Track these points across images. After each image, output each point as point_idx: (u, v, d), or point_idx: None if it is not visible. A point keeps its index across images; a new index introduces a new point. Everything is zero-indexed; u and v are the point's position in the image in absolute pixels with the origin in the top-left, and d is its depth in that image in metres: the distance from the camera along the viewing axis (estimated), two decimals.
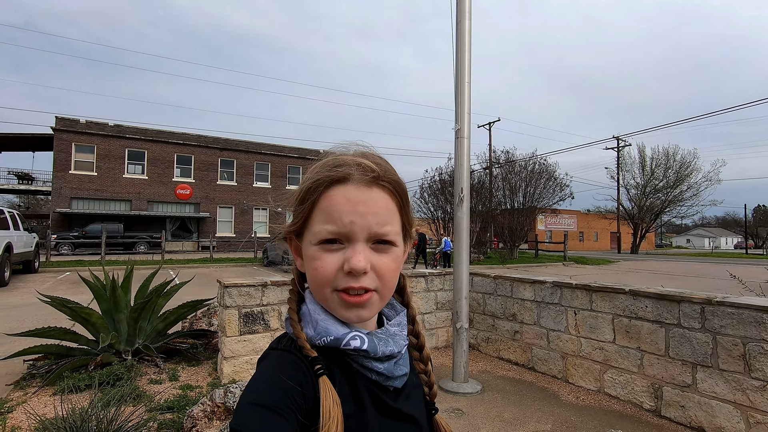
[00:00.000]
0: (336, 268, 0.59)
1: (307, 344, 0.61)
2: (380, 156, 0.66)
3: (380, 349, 0.63)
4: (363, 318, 0.62)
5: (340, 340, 0.61)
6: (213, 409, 2.78)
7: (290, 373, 0.58)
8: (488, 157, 27.33)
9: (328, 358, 0.62)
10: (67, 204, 22.93)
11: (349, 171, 0.61)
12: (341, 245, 0.60)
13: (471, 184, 4.26)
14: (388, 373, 0.64)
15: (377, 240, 0.60)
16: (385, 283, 0.62)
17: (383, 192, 0.62)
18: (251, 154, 28.45)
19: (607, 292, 3.91)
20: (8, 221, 10.86)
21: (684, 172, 36.27)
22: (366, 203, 0.60)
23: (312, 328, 0.63)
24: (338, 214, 0.59)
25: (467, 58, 4.15)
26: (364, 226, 0.59)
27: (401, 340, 0.68)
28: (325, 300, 0.62)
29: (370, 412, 0.61)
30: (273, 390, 0.55)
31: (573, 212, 43.53)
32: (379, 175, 0.61)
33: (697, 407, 3.21)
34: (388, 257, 0.61)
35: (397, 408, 0.65)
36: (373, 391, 0.63)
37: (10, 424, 2.94)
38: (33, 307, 7.57)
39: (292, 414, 0.54)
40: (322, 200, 0.61)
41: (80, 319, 4.16)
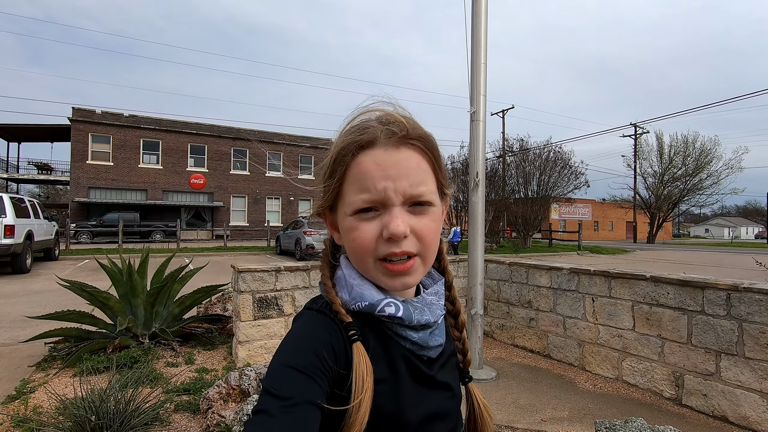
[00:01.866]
0: (375, 236, 0.57)
1: (342, 309, 0.60)
2: (406, 112, 0.62)
3: (415, 318, 0.61)
4: (408, 285, 0.60)
5: (375, 306, 0.60)
6: (228, 392, 2.80)
7: (324, 336, 0.57)
8: (501, 145, 26.96)
9: (362, 323, 0.60)
10: (85, 193, 23.37)
11: (374, 134, 0.58)
12: (377, 212, 0.58)
13: (485, 170, 4.18)
14: (423, 343, 0.62)
15: (414, 202, 0.58)
16: (427, 246, 0.59)
17: (413, 151, 0.59)
18: (264, 143, 28.55)
19: (627, 278, 3.81)
20: (29, 210, 11.10)
21: (704, 160, 35.25)
22: (397, 165, 0.57)
23: (347, 293, 0.61)
24: (370, 181, 0.57)
25: (483, 37, 4.03)
26: (398, 189, 0.57)
27: (438, 309, 0.66)
28: (367, 271, 0.61)
29: (403, 378, 0.60)
30: (306, 352, 0.54)
31: (588, 201, 42.82)
32: (407, 134, 0.58)
33: (721, 396, 3.12)
34: (427, 218, 0.59)
35: (431, 375, 0.63)
36: (408, 357, 0.62)
37: (32, 404, 3.01)
38: (54, 293, 7.76)
39: (323, 377, 0.53)
40: (351, 169, 0.59)
41: (98, 304, 4.23)
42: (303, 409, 0.49)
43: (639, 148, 36.21)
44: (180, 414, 2.91)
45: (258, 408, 0.49)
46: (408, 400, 0.59)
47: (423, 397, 0.61)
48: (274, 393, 0.49)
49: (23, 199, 11.29)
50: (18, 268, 10.30)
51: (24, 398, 3.10)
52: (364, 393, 0.53)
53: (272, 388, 0.50)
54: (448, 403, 0.65)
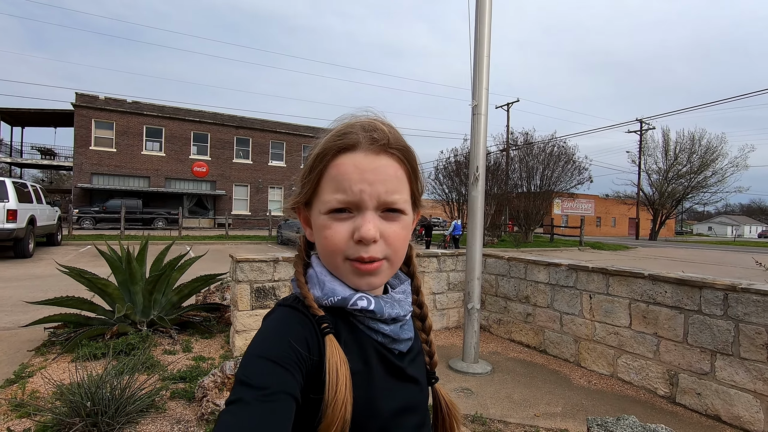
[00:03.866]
0: (346, 237, 0.59)
1: (314, 303, 0.61)
2: (389, 123, 0.64)
3: (386, 311, 0.63)
4: (374, 285, 0.62)
5: (348, 300, 0.61)
6: (223, 380, 2.82)
7: (296, 329, 0.58)
8: (505, 139, 26.79)
9: (334, 318, 0.62)
10: (88, 179, 23.43)
11: (357, 138, 0.60)
12: (351, 214, 0.60)
13: (487, 166, 4.15)
14: (394, 335, 0.64)
15: (386, 208, 0.60)
16: (395, 251, 0.62)
17: (392, 159, 0.61)
18: (267, 132, 28.47)
19: (625, 276, 3.80)
20: (32, 195, 11.14)
21: (709, 158, 34.96)
22: (375, 171, 0.59)
23: (319, 289, 0.63)
24: (347, 183, 0.59)
25: (487, 28, 3.97)
26: (373, 194, 0.59)
27: (406, 305, 0.69)
28: (336, 268, 0.62)
29: (375, 370, 0.62)
30: (279, 344, 0.55)
31: (591, 197, 42.65)
32: (387, 143, 0.60)
33: (715, 395, 3.13)
34: (398, 225, 0.61)
35: (402, 368, 0.65)
36: (379, 350, 0.63)
37: (29, 388, 3.04)
38: (55, 278, 7.81)
39: (297, 368, 0.54)
40: (330, 169, 0.60)
41: (97, 290, 4.25)
42: (279, 398, 0.49)
43: (644, 144, 35.93)
44: (176, 401, 2.93)
45: (233, 398, 0.49)
46: (380, 392, 0.61)
47: (395, 390, 0.63)
48: (249, 383, 0.50)
49: (26, 184, 11.32)
50: (20, 253, 10.38)
51: (22, 383, 3.13)
52: (339, 384, 0.54)
53: (246, 378, 0.50)
54: (418, 397, 0.67)
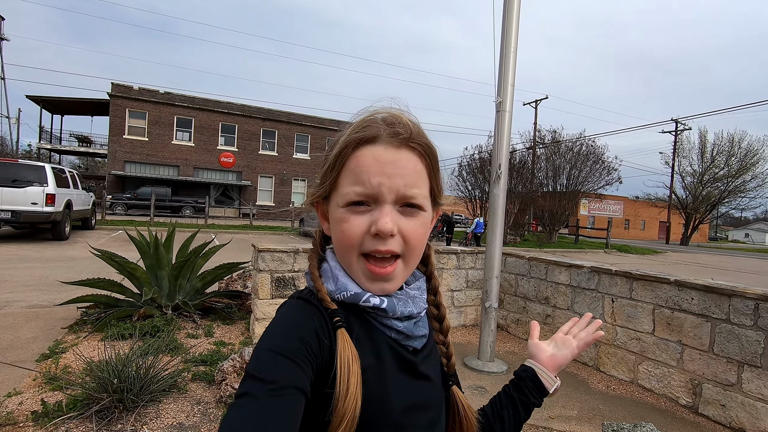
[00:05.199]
0: (363, 230, 0.59)
1: (328, 297, 0.61)
2: (412, 117, 0.63)
3: (399, 309, 0.62)
4: (386, 291, 0.62)
5: (360, 296, 0.61)
6: (242, 365, 2.91)
7: (308, 323, 0.57)
8: (532, 136, 26.26)
9: (347, 312, 0.61)
10: (121, 167, 24.32)
11: (377, 131, 0.59)
12: (369, 207, 0.59)
13: (512, 163, 4.08)
14: (408, 332, 0.64)
15: (405, 203, 0.59)
16: (411, 249, 0.60)
17: (413, 154, 0.60)
18: (292, 125, 28.81)
19: (650, 281, 3.70)
20: (69, 180, 11.65)
21: (749, 161, 33.34)
22: (394, 164, 0.58)
23: (332, 283, 0.63)
24: (365, 175, 0.58)
25: (514, 23, 3.90)
26: (392, 187, 0.58)
27: (421, 302, 0.67)
28: (350, 266, 0.62)
29: (388, 366, 0.61)
30: (290, 338, 0.55)
31: (620, 198, 41.34)
32: (409, 137, 0.59)
33: (740, 408, 3.02)
34: (416, 221, 0.60)
35: (415, 364, 0.64)
36: (393, 347, 0.63)
37: (62, 363, 3.21)
38: (88, 260, 8.17)
39: (308, 363, 0.53)
40: (350, 161, 0.60)
41: (126, 273, 4.44)
42: (288, 392, 0.49)
43: (679, 145, 34.56)
44: (196, 383, 3.05)
45: (242, 391, 0.49)
46: (393, 388, 0.60)
47: (407, 386, 0.62)
48: (259, 377, 0.49)
49: (64, 169, 11.85)
50: (57, 235, 10.89)
51: (55, 358, 3.31)
52: (350, 378, 0.53)
53: (256, 371, 0.50)
54: (431, 395, 0.66)
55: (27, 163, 10.58)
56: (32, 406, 2.60)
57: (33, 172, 10.12)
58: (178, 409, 2.68)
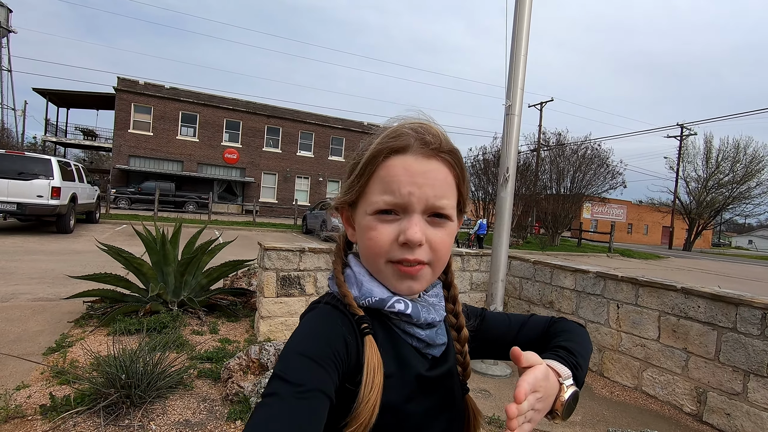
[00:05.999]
0: (391, 239, 0.59)
1: (354, 303, 0.62)
2: (440, 127, 0.64)
3: (423, 316, 0.63)
4: (414, 290, 0.63)
5: (385, 302, 0.61)
6: (248, 364, 2.92)
7: (336, 328, 0.58)
8: (537, 139, 26.19)
9: (371, 319, 0.62)
10: (125, 161, 24.39)
11: (408, 141, 0.60)
12: (397, 216, 0.60)
13: (516, 165, 4.09)
14: (429, 341, 0.65)
15: (433, 213, 0.60)
16: (438, 258, 0.62)
17: (442, 164, 0.61)
18: (297, 122, 28.83)
19: (656, 287, 3.69)
20: (74, 174, 11.69)
21: (755, 167, 33.14)
22: (425, 175, 0.59)
23: (357, 289, 0.64)
24: (396, 185, 0.59)
25: (525, 27, 3.89)
26: (422, 197, 0.59)
27: (440, 309, 0.68)
28: (378, 271, 0.63)
29: (409, 374, 0.62)
30: (318, 342, 0.56)
31: (623, 202, 41.17)
32: (439, 147, 0.61)
33: (745, 417, 3.01)
34: (444, 232, 0.61)
35: (436, 374, 0.65)
36: (414, 355, 0.64)
37: (70, 357, 3.23)
38: (93, 254, 8.21)
39: (334, 368, 0.54)
40: (380, 170, 0.61)
41: (132, 269, 4.45)
42: (313, 396, 0.50)
43: (684, 150, 34.40)
44: (202, 380, 3.06)
45: (269, 391, 0.50)
46: (412, 396, 0.61)
47: (426, 395, 0.63)
48: (286, 378, 0.50)
49: (69, 162, 11.89)
50: (62, 228, 10.93)
51: (63, 351, 3.33)
52: (373, 386, 0.55)
53: (284, 373, 0.51)
54: (449, 404, 0.67)
55: (33, 155, 10.61)
56: (40, 399, 2.62)
57: (39, 164, 10.16)
58: (185, 406, 2.69)
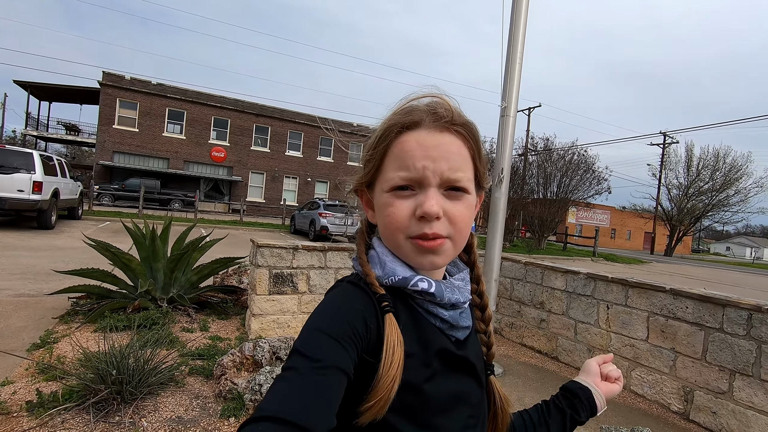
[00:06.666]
0: (409, 214, 0.59)
1: (376, 281, 0.61)
2: (453, 101, 0.64)
3: (446, 296, 0.63)
4: (436, 265, 0.62)
5: (408, 280, 0.61)
6: (242, 361, 2.88)
7: (357, 306, 0.58)
8: (525, 143, 26.53)
9: (394, 298, 0.61)
10: (109, 157, 23.89)
11: (420, 116, 0.60)
12: (413, 191, 0.59)
13: (510, 168, 4.14)
14: (453, 322, 0.64)
15: (449, 186, 0.59)
16: (458, 230, 0.61)
17: (456, 137, 0.61)
18: (286, 122, 28.64)
19: (645, 288, 3.77)
20: (56, 168, 11.40)
21: (733, 176, 34.10)
22: (438, 148, 0.59)
23: (380, 269, 0.63)
24: (410, 160, 0.59)
25: (521, 32, 3.95)
26: (437, 171, 0.58)
27: (466, 292, 0.68)
28: (398, 247, 0.62)
29: (431, 355, 0.61)
30: (338, 319, 0.55)
31: (607, 208, 41.97)
32: (451, 120, 0.60)
33: (731, 415, 3.09)
34: (461, 205, 0.60)
35: (458, 355, 0.64)
36: (437, 336, 0.63)
37: (56, 353, 3.14)
38: (76, 250, 8.02)
39: (353, 345, 0.54)
40: (394, 147, 0.61)
41: (121, 264, 4.36)
42: (331, 372, 0.50)
43: (666, 158, 35.24)
44: (194, 377, 3.01)
45: (288, 365, 0.50)
46: (434, 377, 0.60)
47: (449, 376, 0.62)
48: (305, 353, 0.51)
49: (52, 157, 11.59)
50: (43, 224, 10.64)
51: (48, 347, 3.24)
52: (392, 362, 0.54)
53: (303, 348, 0.51)
54: (472, 388, 0.65)
55: (14, 149, 10.31)
56: (26, 395, 2.54)
57: (20, 158, 9.88)
58: (177, 403, 2.64)
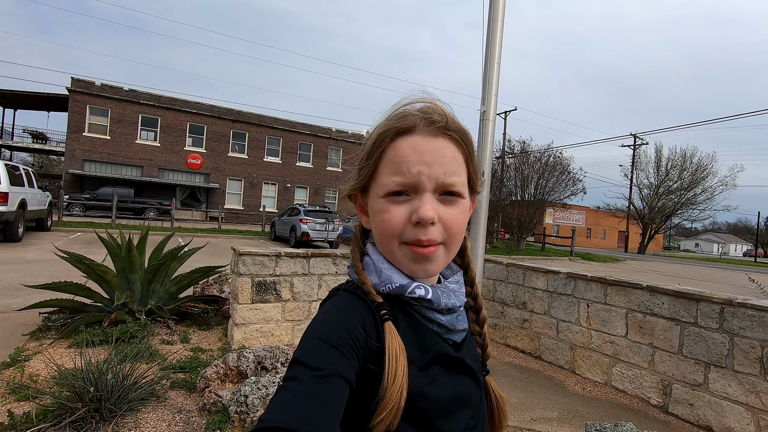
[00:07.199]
0: (404, 220, 0.59)
1: (373, 290, 0.61)
2: (446, 106, 0.65)
3: (443, 301, 0.63)
4: (429, 272, 0.62)
5: (406, 288, 0.61)
6: (226, 372, 2.82)
7: (355, 315, 0.58)
8: (502, 147, 27.00)
9: (392, 306, 0.61)
10: (79, 166, 23.10)
11: (414, 121, 0.60)
12: (408, 197, 0.59)
13: (490, 170, 4.21)
14: (450, 326, 0.64)
15: (444, 191, 0.60)
16: (452, 236, 0.61)
17: (450, 142, 0.61)
18: (264, 127, 28.33)
19: (623, 286, 3.87)
20: (23, 178, 10.96)
21: (700, 175, 35.57)
22: (433, 153, 0.59)
23: (376, 276, 0.63)
24: (405, 165, 0.59)
25: (498, 38, 4.03)
26: (432, 176, 0.59)
27: (461, 295, 0.68)
28: (392, 253, 0.62)
29: (431, 360, 0.61)
30: (337, 328, 0.55)
31: (583, 208, 43.14)
32: (445, 125, 0.61)
33: (707, 406, 3.20)
34: (456, 209, 0.61)
35: (457, 359, 0.64)
36: (435, 340, 0.63)
37: (28, 372, 3.00)
38: (46, 263, 7.70)
39: (353, 354, 0.54)
40: (388, 152, 0.61)
41: (95, 277, 4.21)
42: (333, 380, 0.50)
43: (637, 158, 36.46)
44: (176, 391, 2.92)
45: (289, 375, 0.50)
46: (436, 381, 0.60)
47: (450, 380, 0.62)
48: (305, 363, 0.50)
49: (18, 166, 11.13)
50: (10, 237, 10.20)
51: (19, 366, 3.09)
52: (397, 371, 0.54)
53: (303, 358, 0.51)
54: (472, 390, 0.66)
55: None
56: None
57: None
58: (159, 418, 2.56)
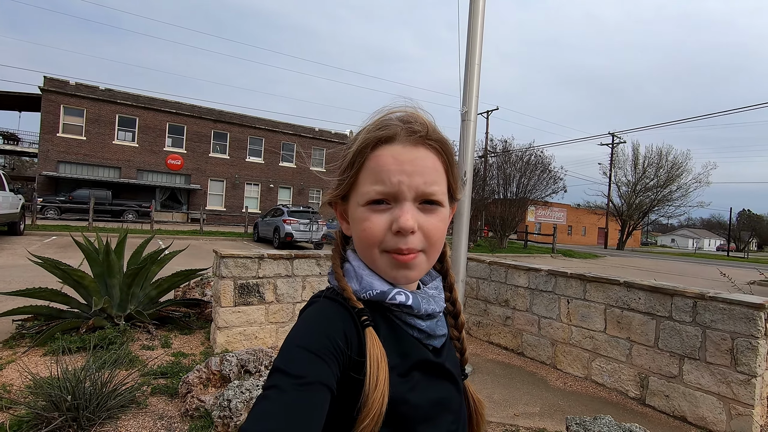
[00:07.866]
0: (384, 228, 0.59)
1: (353, 296, 0.62)
2: (427, 115, 0.65)
3: (423, 307, 0.64)
4: (410, 279, 0.63)
5: (386, 294, 0.61)
6: (209, 376, 2.78)
7: (336, 321, 0.58)
8: (485, 146, 27.28)
9: (372, 312, 0.62)
10: (53, 167, 22.41)
11: (395, 130, 0.61)
12: (389, 206, 0.60)
13: (472, 170, 4.26)
14: (430, 331, 0.65)
15: (424, 200, 0.60)
16: (432, 244, 0.62)
17: (430, 151, 0.62)
18: (245, 127, 27.97)
19: (602, 282, 3.96)
20: None
21: (675, 173, 36.63)
22: (413, 162, 0.60)
23: (357, 283, 0.63)
24: (386, 174, 0.59)
25: (478, 38, 4.07)
26: (412, 185, 0.59)
27: (440, 301, 0.69)
28: (372, 261, 0.63)
29: (412, 365, 0.62)
30: (318, 335, 0.55)
31: (563, 206, 43.91)
32: (426, 134, 0.61)
33: (681, 397, 3.31)
34: (436, 218, 0.61)
35: (437, 364, 0.65)
36: (416, 346, 0.64)
37: (0, 381, 2.91)
38: (19, 269, 7.46)
39: (334, 360, 0.54)
40: (369, 161, 0.61)
41: (72, 282, 4.10)
42: (314, 388, 0.50)
43: (615, 157, 37.30)
44: (157, 397, 2.87)
45: (270, 384, 0.50)
46: (417, 387, 0.61)
47: (430, 385, 0.63)
48: (286, 371, 0.50)
49: None
50: None
51: None
52: (378, 377, 0.54)
53: (284, 366, 0.51)
54: (453, 395, 0.66)
55: None
56: None
57: None
58: (139, 425, 2.51)
